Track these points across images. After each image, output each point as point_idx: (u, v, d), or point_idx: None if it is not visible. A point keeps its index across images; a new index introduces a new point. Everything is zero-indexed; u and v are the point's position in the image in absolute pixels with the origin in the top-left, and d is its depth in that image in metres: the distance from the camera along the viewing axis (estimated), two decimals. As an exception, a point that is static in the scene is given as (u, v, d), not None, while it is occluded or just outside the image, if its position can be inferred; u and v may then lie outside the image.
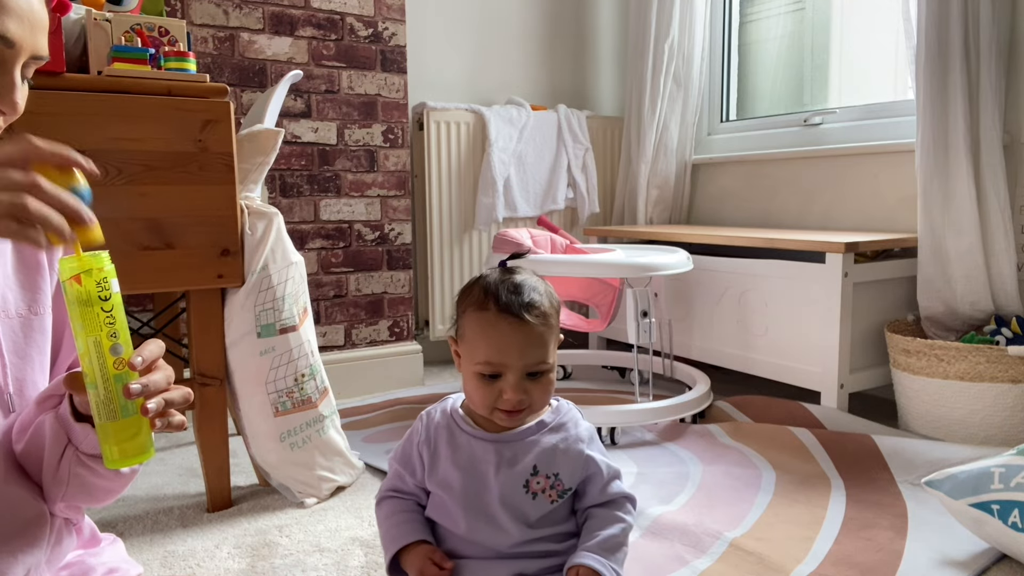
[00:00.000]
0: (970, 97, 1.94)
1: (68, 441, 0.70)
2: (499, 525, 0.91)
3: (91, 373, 0.63)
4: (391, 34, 2.45)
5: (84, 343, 0.63)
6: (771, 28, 2.86)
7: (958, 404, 1.85)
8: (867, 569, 1.26)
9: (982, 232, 1.96)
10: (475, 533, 0.92)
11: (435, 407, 1.00)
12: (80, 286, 0.62)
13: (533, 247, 2.07)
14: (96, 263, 0.63)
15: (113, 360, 0.63)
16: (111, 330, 0.63)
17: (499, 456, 0.92)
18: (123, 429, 0.65)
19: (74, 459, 0.71)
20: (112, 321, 0.63)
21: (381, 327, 2.53)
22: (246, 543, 1.40)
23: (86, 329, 0.63)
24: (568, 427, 0.96)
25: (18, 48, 0.67)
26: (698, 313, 2.38)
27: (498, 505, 0.91)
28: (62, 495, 0.73)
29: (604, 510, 0.95)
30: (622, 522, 0.94)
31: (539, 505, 0.92)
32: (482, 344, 0.89)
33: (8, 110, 0.69)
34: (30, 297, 0.76)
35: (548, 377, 0.91)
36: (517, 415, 0.91)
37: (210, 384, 1.54)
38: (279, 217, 1.57)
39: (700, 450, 1.84)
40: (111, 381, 0.63)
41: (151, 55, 1.43)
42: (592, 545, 0.91)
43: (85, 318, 0.62)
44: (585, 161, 2.95)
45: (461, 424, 0.95)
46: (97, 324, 0.63)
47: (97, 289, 0.62)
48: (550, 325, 0.91)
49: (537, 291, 0.92)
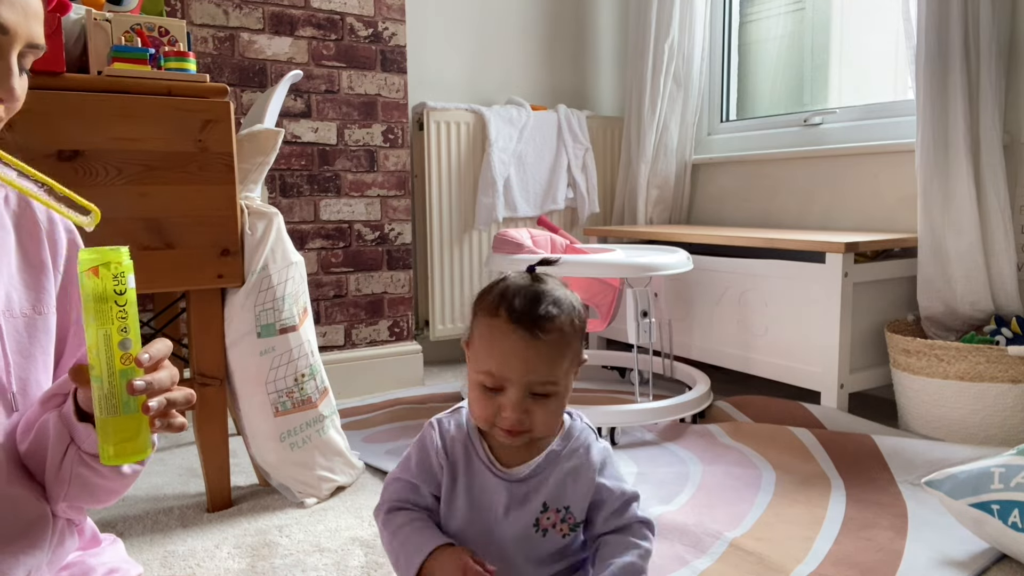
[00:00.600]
0: (970, 97, 1.94)
1: (71, 440, 0.70)
2: (510, 563, 0.87)
3: (97, 366, 0.63)
4: (391, 34, 2.45)
5: (94, 336, 0.63)
6: (771, 28, 2.86)
7: (958, 404, 1.85)
8: (867, 569, 1.26)
9: (982, 232, 1.96)
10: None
11: (447, 418, 0.93)
12: (97, 278, 0.62)
13: (533, 247, 2.07)
14: (115, 257, 0.63)
15: (121, 355, 0.64)
16: (122, 324, 0.63)
17: (510, 496, 0.87)
18: (123, 425, 0.65)
19: (76, 458, 0.71)
20: (124, 316, 0.63)
21: (381, 327, 2.53)
22: (246, 543, 1.40)
23: (98, 322, 0.63)
24: (580, 454, 0.90)
25: (12, 35, 0.67)
26: (698, 313, 2.38)
27: (509, 545, 0.87)
28: (64, 495, 0.73)
29: (618, 537, 0.89)
30: (637, 548, 0.87)
31: (551, 541, 0.88)
32: (486, 353, 0.83)
33: (6, 97, 0.69)
34: (34, 297, 0.76)
35: (556, 400, 0.84)
36: (517, 436, 0.84)
37: (210, 384, 1.53)
38: (279, 217, 1.57)
39: (700, 450, 1.84)
40: (116, 376, 0.64)
41: (151, 55, 1.43)
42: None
43: (98, 311, 0.62)
44: (585, 161, 2.95)
45: (479, 450, 0.89)
46: (109, 318, 0.63)
47: (113, 283, 0.63)
48: (566, 343, 0.84)
49: (559, 305, 0.84)
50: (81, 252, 0.63)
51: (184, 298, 1.71)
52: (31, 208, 0.77)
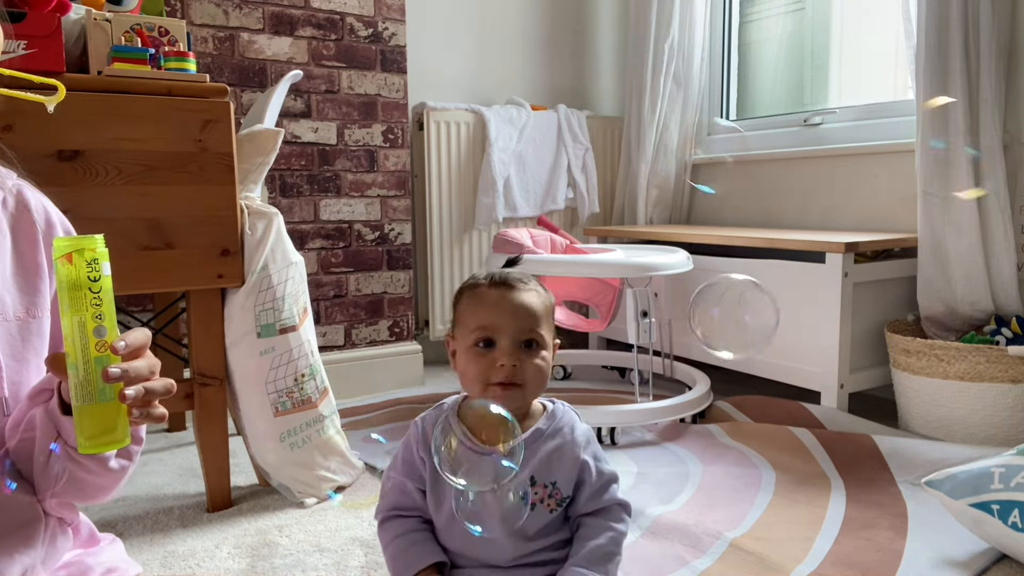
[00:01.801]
0: (970, 97, 1.94)
1: (57, 435, 0.70)
2: (496, 542, 0.90)
3: (72, 353, 0.63)
4: (391, 34, 2.45)
5: (69, 323, 0.63)
6: (771, 28, 2.86)
7: (958, 404, 1.85)
8: (867, 569, 1.26)
9: (982, 232, 1.96)
10: (472, 549, 0.91)
11: (430, 413, 0.98)
12: (71, 265, 0.62)
13: (533, 247, 2.07)
14: (89, 244, 0.63)
15: (96, 342, 0.63)
16: (96, 311, 0.63)
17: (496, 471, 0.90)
18: (99, 413, 0.64)
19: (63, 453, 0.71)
20: (99, 303, 0.63)
21: (381, 327, 2.53)
22: (246, 543, 1.40)
23: (72, 309, 0.63)
24: (564, 432, 0.94)
25: None
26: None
27: (497, 522, 0.89)
28: (52, 490, 0.73)
29: (595, 519, 0.93)
30: (612, 531, 0.92)
31: (538, 516, 0.90)
32: (473, 315, 0.90)
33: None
34: (28, 300, 0.76)
35: (542, 355, 0.90)
36: (511, 390, 0.88)
37: (210, 384, 1.53)
38: (279, 217, 1.57)
39: (700, 450, 1.84)
40: (91, 363, 0.63)
41: (151, 55, 1.43)
42: (579, 558, 0.89)
43: (72, 298, 0.62)
44: (585, 161, 2.95)
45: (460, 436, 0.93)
46: (84, 305, 0.63)
47: (87, 270, 0.63)
48: (541, 306, 0.92)
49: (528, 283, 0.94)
50: (56, 240, 0.63)
51: (184, 298, 1.71)
52: (28, 211, 0.77)
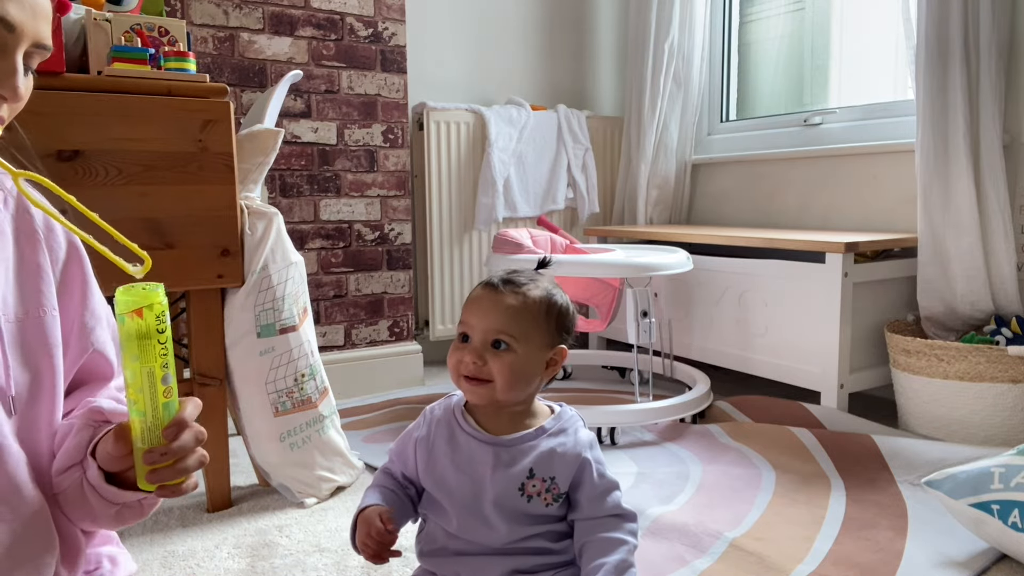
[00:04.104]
0: (970, 97, 1.94)
1: (112, 504, 0.73)
2: (491, 525, 0.91)
3: (141, 401, 0.66)
4: (391, 34, 2.45)
5: (137, 372, 0.65)
6: (771, 28, 2.86)
7: (958, 404, 1.85)
8: (867, 569, 1.26)
9: (982, 232, 1.96)
10: (467, 531, 0.92)
11: (438, 403, 1.00)
12: (141, 320, 0.65)
13: (533, 247, 2.07)
14: (156, 298, 0.65)
15: (163, 389, 0.66)
16: (164, 360, 0.66)
17: (496, 458, 0.92)
18: None
19: (112, 515, 0.74)
20: (165, 352, 0.66)
21: (381, 327, 2.53)
22: (246, 543, 1.40)
23: (142, 360, 0.65)
24: (568, 432, 0.95)
25: (19, 33, 0.67)
26: (698, 313, 2.38)
27: (492, 506, 0.90)
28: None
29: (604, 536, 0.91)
30: (624, 544, 0.90)
31: (534, 507, 0.91)
32: (464, 310, 0.94)
33: (10, 96, 0.69)
34: (30, 300, 0.76)
35: (513, 359, 0.90)
36: (478, 385, 0.90)
37: (210, 384, 1.53)
38: (279, 217, 1.57)
39: (700, 450, 1.84)
40: (160, 409, 0.66)
41: (151, 55, 1.43)
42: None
43: (143, 349, 0.65)
44: (585, 161, 2.95)
45: (462, 423, 0.95)
46: (153, 355, 0.65)
47: (156, 323, 0.65)
48: (530, 312, 0.91)
49: (534, 284, 0.94)
50: (119, 292, 0.65)
51: (184, 298, 1.71)
52: (29, 214, 0.77)
